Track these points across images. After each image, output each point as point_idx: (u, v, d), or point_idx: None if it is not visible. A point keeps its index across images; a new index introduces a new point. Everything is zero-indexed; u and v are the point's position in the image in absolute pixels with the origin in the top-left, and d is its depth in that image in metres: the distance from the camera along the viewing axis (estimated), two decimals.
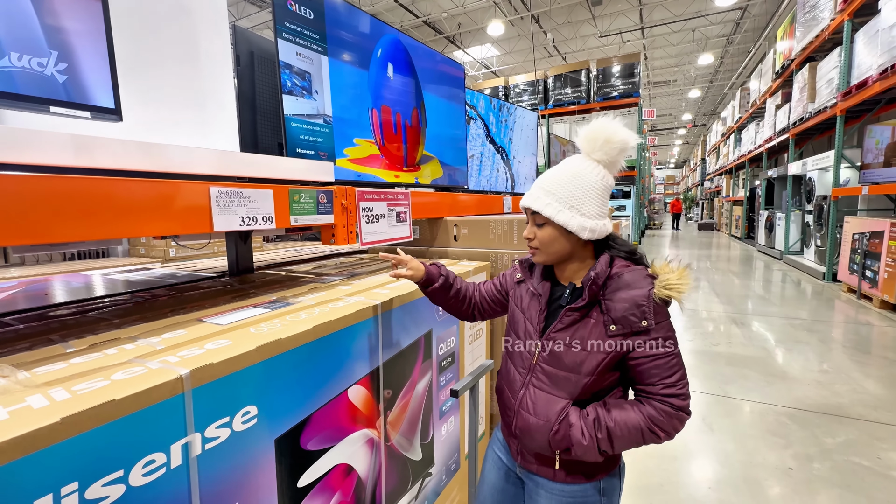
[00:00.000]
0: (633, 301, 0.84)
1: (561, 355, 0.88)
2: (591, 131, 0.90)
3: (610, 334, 0.85)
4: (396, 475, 1.22)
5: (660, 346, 0.84)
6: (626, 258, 0.92)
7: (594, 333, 0.86)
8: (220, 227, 0.97)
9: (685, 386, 0.84)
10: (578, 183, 0.88)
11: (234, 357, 0.72)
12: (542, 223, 0.91)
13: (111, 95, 0.97)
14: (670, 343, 0.84)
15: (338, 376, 0.96)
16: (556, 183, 0.90)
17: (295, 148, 1.41)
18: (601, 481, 0.92)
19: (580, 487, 0.91)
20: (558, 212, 0.88)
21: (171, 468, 0.63)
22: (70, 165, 0.74)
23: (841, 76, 5.88)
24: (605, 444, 0.84)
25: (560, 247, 0.91)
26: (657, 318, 0.83)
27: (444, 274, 1.09)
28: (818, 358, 3.53)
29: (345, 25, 1.57)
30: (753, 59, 13.80)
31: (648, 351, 0.84)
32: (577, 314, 0.88)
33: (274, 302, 1.10)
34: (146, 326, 0.90)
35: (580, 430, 0.84)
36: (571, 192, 0.88)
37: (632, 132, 0.90)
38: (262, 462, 0.78)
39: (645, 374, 0.85)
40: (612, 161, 0.90)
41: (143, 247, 4.37)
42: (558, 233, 0.89)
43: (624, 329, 0.84)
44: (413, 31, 12.52)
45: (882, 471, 2.07)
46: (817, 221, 7.22)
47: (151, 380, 0.62)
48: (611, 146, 0.88)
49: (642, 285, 0.85)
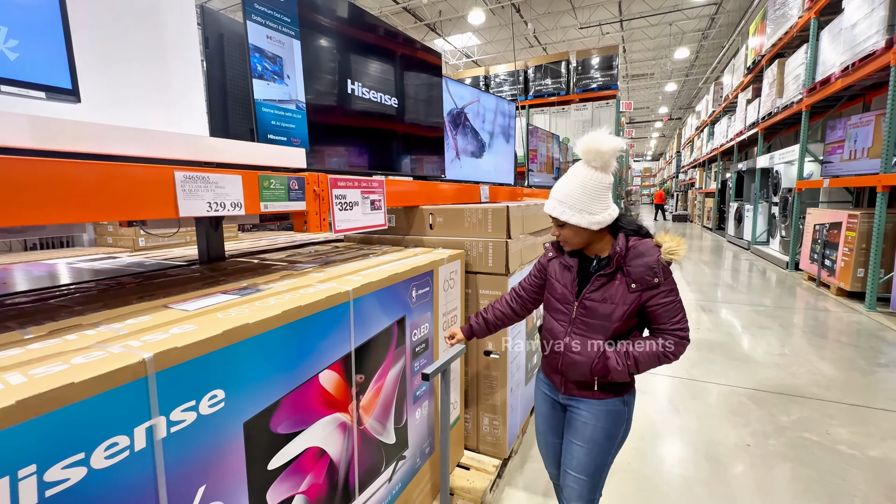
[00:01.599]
0: (647, 265, 1.12)
1: (596, 308, 1.17)
2: (585, 144, 1.12)
3: (631, 291, 1.13)
4: (370, 458, 1.24)
5: (667, 296, 1.13)
6: (634, 233, 1.19)
7: (619, 291, 1.14)
8: (186, 213, 0.95)
9: (686, 322, 1.14)
10: (583, 190, 1.13)
11: (199, 341, 0.72)
12: (562, 225, 1.19)
13: (68, 75, 0.93)
14: (674, 293, 1.14)
15: (308, 361, 0.97)
16: (565, 194, 1.16)
17: (266, 134, 1.39)
18: (624, 396, 1.23)
19: (611, 401, 1.22)
20: (571, 216, 1.14)
21: (135, 451, 0.64)
22: (22, 147, 0.72)
23: (807, 72, 6.10)
24: (633, 368, 1.13)
25: (580, 238, 1.19)
26: (664, 276, 1.13)
27: (479, 322, 1.44)
28: (779, 342, 3.72)
29: (318, 8, 1.54)
30: (727, 54, 14.14)
31: (660, 300, 1.13)
32: (605, 279, 1.16)
33: (244, 289, 1.10)
34: (110, 313, 0.89)
35: (615, 360, 1.14)
36: (579, 199, 1.13)
37: (618, 139, 1.11)
38: (230, 445, 0.79)
39: (658, 316, 1.14)
40: (606, 164, 1.13)
41: (110, 236, 4.22)
42: (578, 229, 1.17)
43: (641, 286, 1.13)
44: (393, 18, 12.29)
45: (830, 445, 2.21)
46: (782, 213, 7.53)
47: (112, 363, 0.62)
48: (602, 156, 1.11)
49: (653, 253, 1.13)
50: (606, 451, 1.22)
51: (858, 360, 3.29)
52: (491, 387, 1.94)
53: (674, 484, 1.96)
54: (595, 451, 1.22)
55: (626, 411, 1.23)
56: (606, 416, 1.21)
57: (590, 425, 1.22)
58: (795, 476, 1.98)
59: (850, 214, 5.07)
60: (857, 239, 4.90)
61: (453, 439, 1.85)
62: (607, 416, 1.21)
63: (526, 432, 2.33)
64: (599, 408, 1.21)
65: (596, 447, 1.22)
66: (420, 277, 1.47)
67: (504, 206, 1.84)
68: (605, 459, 1.23)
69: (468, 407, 2.00)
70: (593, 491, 1.25)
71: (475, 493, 1.72)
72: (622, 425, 1.23)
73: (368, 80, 1.76)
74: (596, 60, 8.76)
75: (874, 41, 4.40)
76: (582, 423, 1.23)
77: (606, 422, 1.21)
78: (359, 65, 1.71)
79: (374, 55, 1.79)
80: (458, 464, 1.92)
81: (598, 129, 1.14)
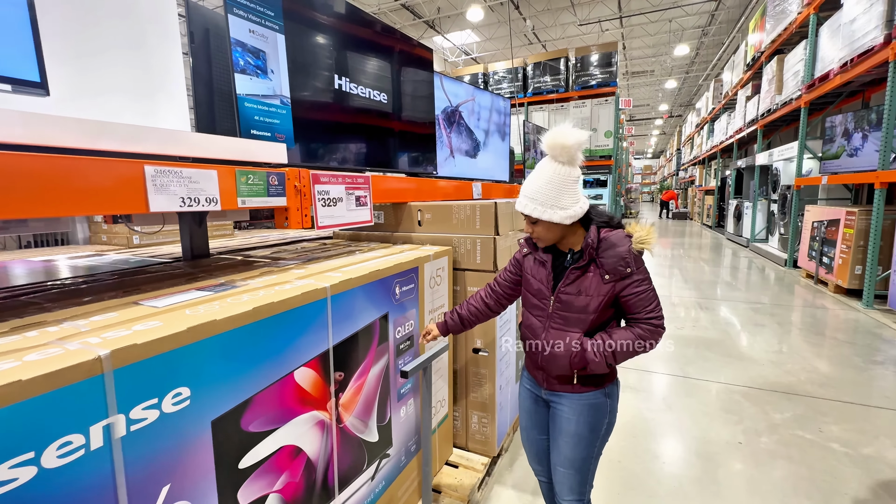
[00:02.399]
0: (618, 256, 1.12)
1: (571, 301, 1.17)
2: (550, 140, 1.11)
3: (605, 282, 1.14)
4: (350, 456, 1.23)
5: (640, 284, 1.13)
6: (605, 224, 1.19)
7: (593, 283, 1.15)
8: (157, 208, 0.94)
9: (660, 310, 1.15)
10: (552, 185, 1.12)
11: (161, 338, 0.70)
12: (535, 221, 1.17)
13: (36, 68, 0.92)
14: (647, 282, 1.14)
15: (282, 358, 0.96)
16: (535, 190, 1.15)
17: (249, 129, 1.37)
18: (606, 388, 1.23)
19: (592, 394, 1.22)
20: (543, 212, 1.13)
21: (90, 450, 0.62)
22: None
23: (806, 69, 6.06)
24: (611, 359, 1.14)
25: (554, 234, 1.18)
26: (636, 265, 1.13)
27: (453, 319, 1.42)
28: (775, 340, 3.70)
29: (303, 2, 1.52)
30: (727, 51, 14.06)
31: (633, 290, 1.13)
32: (578, 272, 1.17)
33: (220, 285, 1.08)
34: (77, 310, 0.87)
35: (592, 352, 1.14)
36: (548, 195, 1.13)
37: (582, 132, 1.10)
38: (197, 443, 0.78)
39: (632, 306, 1.14)
40: (572, 158, 1.12)
41: (104, 233, 4.20)
42: (549, 225, 1.16)
43: (614, 277, 1.13)
44: (391, 15, 12.24)
45: (822, 442, 2.20)
46: (781, 210, 7.50)
47: (66, 360, 0.60)
48: (567, 150, 1.10)
49: (624, 243, 1.13)
50: (592, 443, 1.24)
51: (854, 358, 3.27)
52: (480, 384, 1.93)
53: (664, 482, 1.94)
54: (581, 445, 1.23)
55: (608, 403, 1.24)
56: (588, 410, 1.22)
57: (573, 420, 1.23)
58: (786, 474, 1.97)
59: (849, 211, 5.04)
60: (854, 236, 4.88)
61: (442, 437, 1.84)
62: (589, 409, 1.22)
63: (517, 430, 2.31)
64: (581, 402, 1.22)
65: (581, 441, 1.23)
66: (404, 274, 1.45)
67: (492, 202, 1.82)
68: (592, 451, 1.25)
69: (457, 404, 1.99)
70: (583, 483, 1.27)
71: (463, 491, 1.71)
72: (605, 417, 1.24)
73: (356, 75, 1.74)
74: (595, 57, 8.72)
75: (873, 36, 4.36)
76: (566, 418, 1.24)
77: (589, 415, 1.22)
78: (345, 59, 1.69)
79: (361, 49, 1.77)
80: (447, 461, 1.91)
81: (562, 124, 1.14)
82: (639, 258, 1.14)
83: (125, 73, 1.27)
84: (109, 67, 1.22)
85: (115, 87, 1.23)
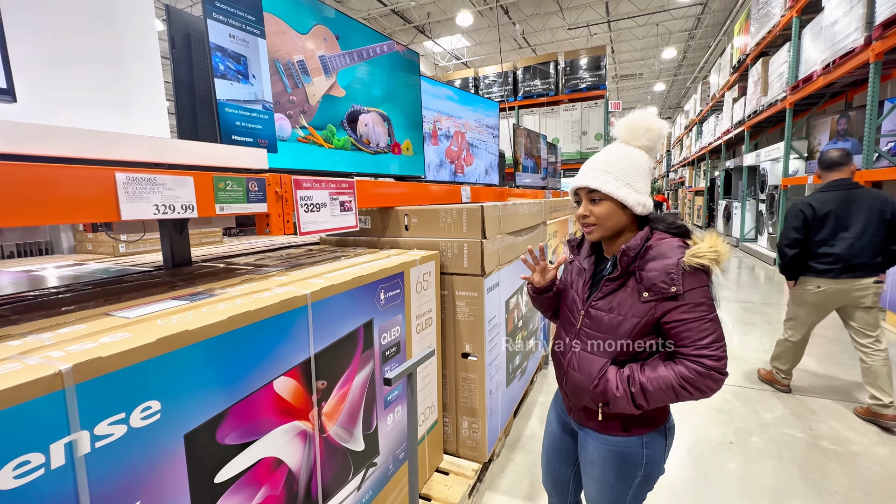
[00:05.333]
0: (663, 269, 0.91)
1: (601, 319, 0.98)
2: (632, 121, 0.99)
3: (643, 300, 0.93)
4: (335, 466, 1.21)
5: (690, 311, 0.89)
6: (665, 230, 0.98)
7: (629, 300, 0.94)
8: (129, 216, 0.91)
9: (719, 348, 0.89)
10: (631, 163, 0.97)
11: (127, 350, 0.68)
12: (599, 199, 0.98)
13: (2, 72, 0.89)
14: (702, 308, 0.90)
15: (260, 368, 0.93)
16: (609, 163, 0.97)
17: (230, 135, 1.35)
18: (644, 436, 1.00)
19: (621, 440, 1.01)
20: (617, 188, 0.95)
21: (51, 469, 0.60)
22: None
23: (790, 71, 6.15)
24: (640, 398, 0.92)
25: (616, 221, 0.98)
26: (686, 285, 0.89)
27: (558, 287, 1.19)
28: (765, 338, 3.73)
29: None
30: (714, 53, 14.28)
31: (679, 315, 0.90)
32: (614, 284, 0.97)
33: (197, 294, 1.06)
34: (44, 322, 0.84)
35: (615, 384, 0.94)
36: (626, 171, 0.96)
37: (665, 122, 0.99)
38: (168, 459, 0.75)
39: (677, 336, 0.92)
40: (652, 146, 0.99)
41: (89, 242, 4.13)
42: (615, 208, 0.97)
43: (655, 295, 0.91)
44: (381, 20, 12.27)
45: (812, 441, 2.21)
46: (769, 210, 7.59)
47: (24, 376, 0.58)
48: (652, 133, 0.98)
49: (673, 255, 0.91)
50: (622, 493, 1.04)
51: (842, 356, 3.30)
52: (469, 389, 1.91)
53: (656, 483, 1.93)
54: (608, 491, 1.05)
55: (643, 454, 1.00)
56: (615, 458, 1.02)
57: (597, 465, 1.05)
58: (777, 473, 1.97)
59: None
60: None
61: (431, 444, 1.81)
62: (616, 457, 1.02)
63: (509, 434, 2.30)
64: (606, 447, 1.03)
65: (608, 487, 1.05)
66: (389, 279, 1.44)
67: (479, 205, 1.81)
68: (622, 499, 1.05)
69: (447, 410, 1.97)
70: None
71: (453, 499, 1.69)
72: (637, 469, 1.01)
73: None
74: (584, 61, 8.80)
75: (853, 38, 4.44)
76: (590, 461, 1.07)
77: (615, 463, 1.02)
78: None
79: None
80: (438, 468, 1.88)
81: (644, 108, 1.01)
82: (693, 277, 0.89)
83: (99, 78, 1.24)
84: (83, 73, 1.19)
85: (88, 93, 1.21)
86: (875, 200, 2.27)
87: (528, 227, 2.44)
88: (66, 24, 1.17)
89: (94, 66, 1.22)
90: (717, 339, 0.90)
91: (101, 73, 1.24)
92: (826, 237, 2.33)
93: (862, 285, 2.28)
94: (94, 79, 1.22)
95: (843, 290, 2.31)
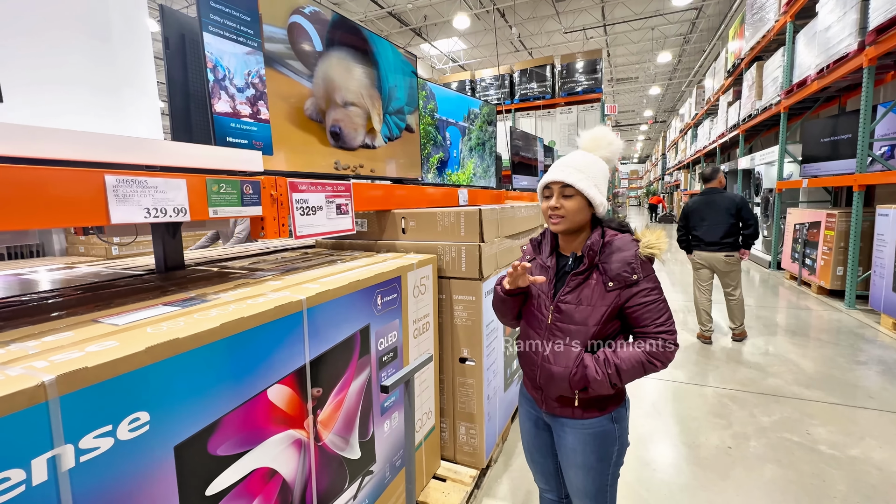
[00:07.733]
0: (623, 260, 1.04)
1: (571, 312, 1.07)
2: (595, 134, 1.14)
3: (608, 290, 1.04)
4: (331, 475, 1.18)
5: (648, 294, 1.04)
6: (617, 229, 1.12)
7: (596, 291, 1.06)
8: (119, 220, 0.89)
9: (672, 324, 1.05)
10: (597, 167, 1.10)
11: (115, 360, 0.65)
12: (571, 195, 1.07)
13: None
14: (656, 292, 1.05)
15: (253, 376, 0.91)
16: (583, 164, 1.09)
17: (224, 137, 1.33)
18: (612, 413, 1.12)
19: (596, 420, 1.11)
20: (589, 186, 1.06)
21: (32, 485, 0.57)
22: None
23: (784, 75, 6.20)
24: (615, 378, 1.02)
25: (581, 217, 1.09)
26: (644, 272, 1.04)
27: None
28: (761, 342, 3.73)
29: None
30: (709, 58, 14.38)
31: (640, 300, 1.04)
32: (580, 277, 1.08)
33: (189, 299, 1.03)
34: (30, 329, 0.82)
35: (594, 369, 1.03)
36: (594, 174, 1.08)
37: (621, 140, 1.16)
38: (158, 471, 0.73)
39: (639, 318, 1.04)
40: (610, 158, 1.14)
41: (82, 245, 4.08)
42: (584, 204, 1.08)
43: (619, 284, 1.04)
44: (378, 22, 12.26)
45: (810, 445, 2.20)
46: (764, 213, 7.63)
47: (4, 388, 0.55)
48: (613, 146, 1.13)
49: (630, 247, 1.05)
50: (603, 473, 1.14)
51: (838, 359, 3.31)
52: (467, 395, 1.89)
53: (654, 489, 1.92)
54: (591, 475, 1.14)
55: (615, 429, 1.12)
56: (594, 440, 1.11)
57: (578, 451, 1.13)
58: (775, 477, 1.96)
59: (829, 214, 5.14)
60: (835, 238, 4.97)
61: (429, 450, 1.79)
62: (594, 439, 1.11)
63: (507, 439, 2.28)
64: (585, 431, 1.11)
65: (591, 471, 1.13)
66: (386, 284, 1.42)
67: (477, 208, 1.79)
68: (605, 480, 1.15)
69: (444, 416, 1.94)
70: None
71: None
72: (613, 445, 1.13)
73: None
74: (580, 64, 8.83)
75: (847, 43, 4.48)
76: (570, 449, 1.14)
77: (595, 445, 1.11)
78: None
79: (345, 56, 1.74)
80: (435, 475, 1.86)
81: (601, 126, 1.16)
82: (647, 265, 1.05)
83: (90, 79, 1.21)
84: (72, 73, 1.17)
85: (78, 94, 1.18)
86: (725, 201, 3.46)
87: (525, 230, 2.43)
88: (55, 21, 1.15)
89: (85, 65, 1.20)
90: (670, 317, 1.05)
91: (92, 73, 1.21)
92: (695, 225, 3.63)
93: (718, 257, 3.52)
94: (85, 80, 1.19)
95: (707, 257, 3.57)
